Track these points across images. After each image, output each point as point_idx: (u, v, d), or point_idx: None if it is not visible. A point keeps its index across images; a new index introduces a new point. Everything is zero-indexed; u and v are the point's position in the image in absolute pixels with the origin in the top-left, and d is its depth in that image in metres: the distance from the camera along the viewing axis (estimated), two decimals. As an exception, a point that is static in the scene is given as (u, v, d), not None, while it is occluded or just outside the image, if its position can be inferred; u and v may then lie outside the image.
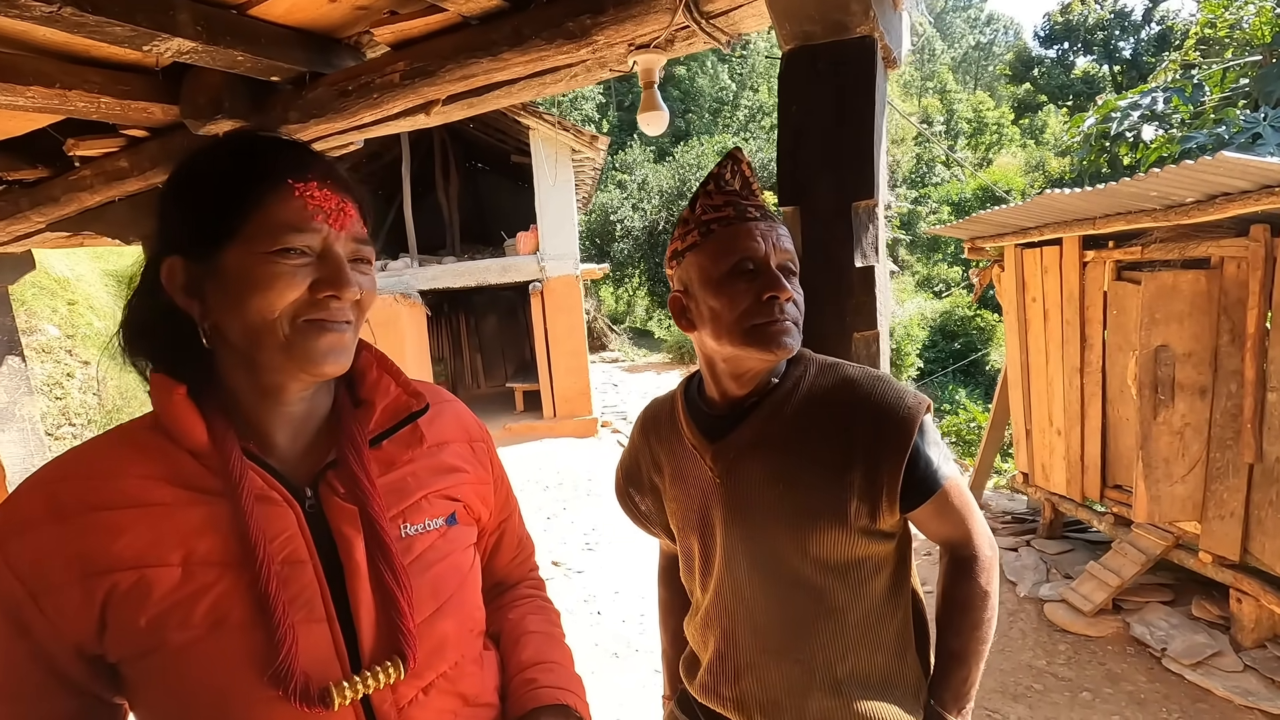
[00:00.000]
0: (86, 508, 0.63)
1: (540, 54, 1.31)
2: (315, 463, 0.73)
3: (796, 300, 0.94)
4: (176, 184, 0.70)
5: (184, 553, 0.63)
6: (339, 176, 0.72)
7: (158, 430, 0.68)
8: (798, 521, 0.93)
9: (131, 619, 0.62)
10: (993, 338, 14.88)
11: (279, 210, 0.66)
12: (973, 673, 0.96)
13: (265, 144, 0.71)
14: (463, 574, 0.79)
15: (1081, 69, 26.82)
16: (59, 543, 0.62)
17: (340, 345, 0.69)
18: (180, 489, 0.66)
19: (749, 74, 29.28)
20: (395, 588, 0.69)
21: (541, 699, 0.80)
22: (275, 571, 0.64)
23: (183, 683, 0.63)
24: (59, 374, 5.44)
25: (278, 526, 0.67)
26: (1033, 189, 19.12)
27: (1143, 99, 8.17)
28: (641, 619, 4.17)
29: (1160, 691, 3.16)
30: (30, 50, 1.38)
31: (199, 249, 0.67)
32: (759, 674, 0.98)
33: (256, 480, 0.67)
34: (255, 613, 0.63)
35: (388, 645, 0.69)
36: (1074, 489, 4.42)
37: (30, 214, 2.05)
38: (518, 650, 0.86)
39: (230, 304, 0.66)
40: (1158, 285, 3.43)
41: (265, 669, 0.62)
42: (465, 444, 0.85)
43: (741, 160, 0.98)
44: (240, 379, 0.70)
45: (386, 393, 0.77)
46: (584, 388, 9.26)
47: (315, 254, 0.68)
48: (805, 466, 0.93)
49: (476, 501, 0.84)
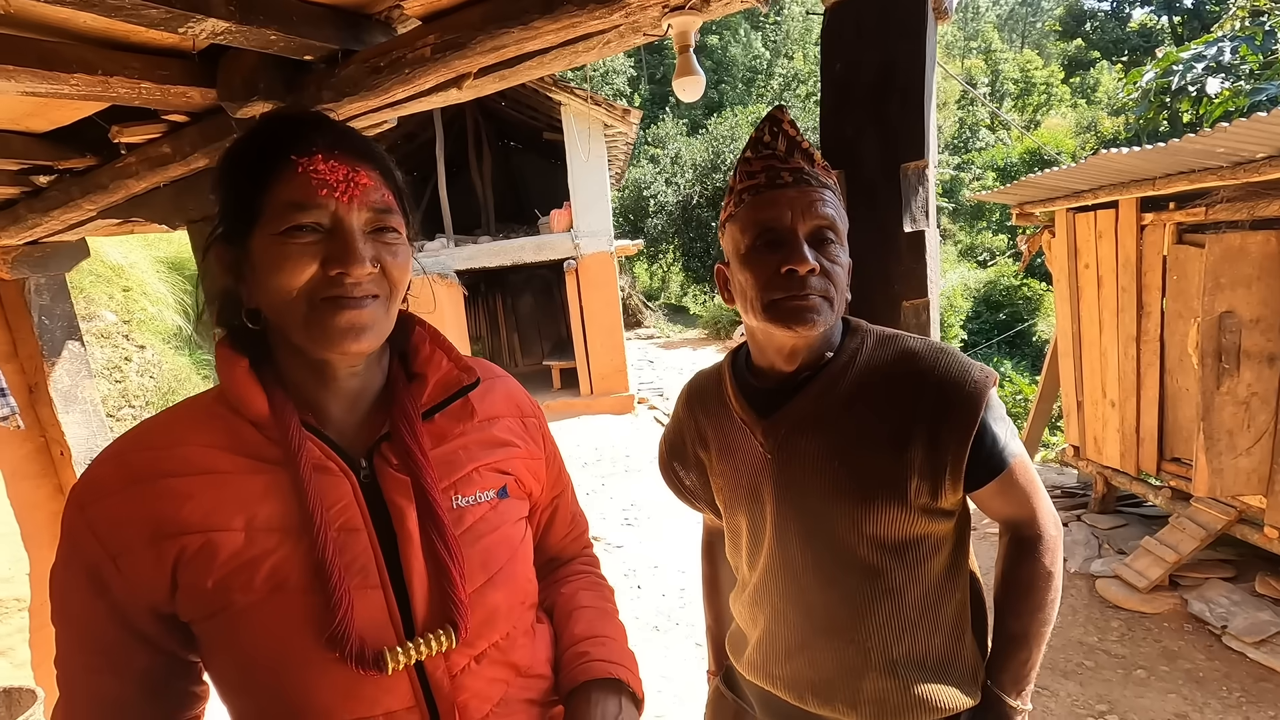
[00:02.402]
0: (157, 475, 0.65)
1: (572, 20, 1.27)
2: (370, 435, 0.74)
3: (831, 271, 0.88)
4: (216, 171, 0.71)
5: (246, 518, 0.66)
6: (351, 145, 0.69)
7: (222, 402, 0.70)
8: (854, 499, 0.89)
9: (200, 580, 0.64)
10: (1040, 307, 14.37)
11: (285, 189, 0.65)
12: (1033, 655, 0.93)
13: (277, 123, 0.70)
14: (513, 546, 0.79)
15: (1138, 21, 25.36)
16: (133, 507, 0.64)
17: (360, 322, 0.67)
18: (243, 458, 0.68)
19: (783, 40, 28.49)
20: (447, 557, 0.70)
21: (594, 672, 0.81)
22: (332, 538, 0.66)
23: (245, 643, 0.66)
24: (117, 358, 5.66)
25: (334, 495, 0.68)
26: (1084, 151, 18.27)
27: (1208, 49, 7.66)
28: (681, 593, 4.19)
29: (1220, 670, 3.06)
30: (72, 38, 1.40)
31: (234, 235, 0.69)
32: (811, 654, 0.96)
33: (314, 450, 0.69)
34: (313, 577, 0.65)
35: (440, 613, 0.70)
36: (1128, 462, 4.26)
37: (81, 202, 2.10)
38: (571, 624, 0.87)
39: (260, 286, 0.67)
40: (1223, 248, 3.24)
41: (322, 632, 0.64)
42: (517, 419, 0.85)
43: (783, 120, 0.92)
44: (288, 356, 0.72)
45: (439, 367, 0.78)
46: (620, 364, 9.27)
47: (326, 229, 0.66)
48: (863, 443, 0.89)
49: (528, 476, 0.84)
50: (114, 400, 5.40)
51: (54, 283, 2.86)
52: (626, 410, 9.19)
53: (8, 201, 2.38)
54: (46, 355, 2.84)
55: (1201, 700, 2.88)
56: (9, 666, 2.90)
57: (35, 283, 2.79)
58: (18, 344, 2.89)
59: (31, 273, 2.74)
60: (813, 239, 0.88)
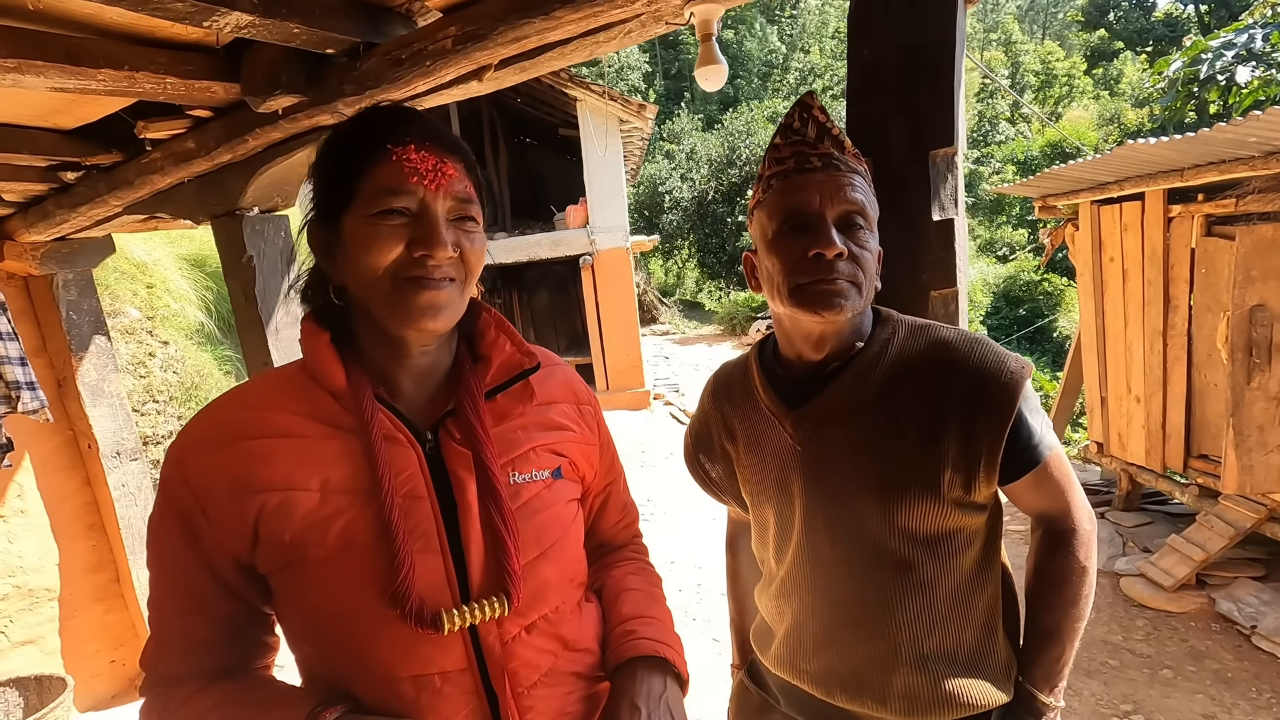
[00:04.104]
0: (244, 436, 0.71)
1: (594, 10, 1.26)
2: (436, 410, 0.79)
3: (859, 256, 0.86)
4: (315, 158, 0.77)
5: (321, 479, 0.71)
6: (440, 138, 0.75)
7: (305, 373, 0.76)
8: (885, 492, 0.88)
9: (278, 534, 0.69)
10: (1060, 302, 14.15)
11: (379, 175, 0.71)
12: (1067, 651, 0.91)
13: (375, 115, 0.75)
14: (565, 525, 0.83)
15: (1163, 10, 24.85)
16: (221, 464, 0.70)
17: (438, 302, 0.72)
18: (320, 424, 0.73)
19: (799, 34, 28.26)
20: (503, 528, 0.74)
21: (640, 649, 0.83)
22: (398, 503, 0.71)
23: (315, 595, 0.71)
24: (141, 353, 5.74)
25: (401, 463, 0.73)
26: (1107, 144, 17.93)
27: (1237, 37, 7.50)
28: (698, 588, 4.18)
29: (1249, 670, 3.00)
30: (97, 33, 1.41)
31: (327, 216, 0.75)
32: (840, 648, 0.95)
33: (385, 421, 0.74)
34: (379, 538, 0.70)
35: (494, 582, 0.74)
36: (1154, 459, 4.19)
37: (108, 198, 2.13)
38: (619, 604, 0.90)
39: (349, 264, 0.73)
40: (1255, 240, 3.17)
41: (385, 589, 0.69)
42: (573, 405, 0.89)
43: (813, 106, 0.91)
44: (367, 333, 0.77)
45: (502, 351, 0.82)
46: (636, 360, 9.26)
47: (413, 214, 0.71)
48: (895, 435, 0.88)
49: (581, 460, 0.88)
50: (138, 395, 5.48)
51: (81, 278, 2.91)
52: (642, 406, 9.18)
53: (37, 198, 2.42)
54: (74, 350, 2.89)
55: (1230, 701, 2.83)
56: (39, 655, 2.96)
57: (63, 278, 2.83)
58: (46, 339, 2.94)
59: (59, 268, 2.78)
60: (841, 224, 0.86)
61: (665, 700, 0.79)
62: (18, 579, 2.89)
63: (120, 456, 3.04)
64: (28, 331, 2.85)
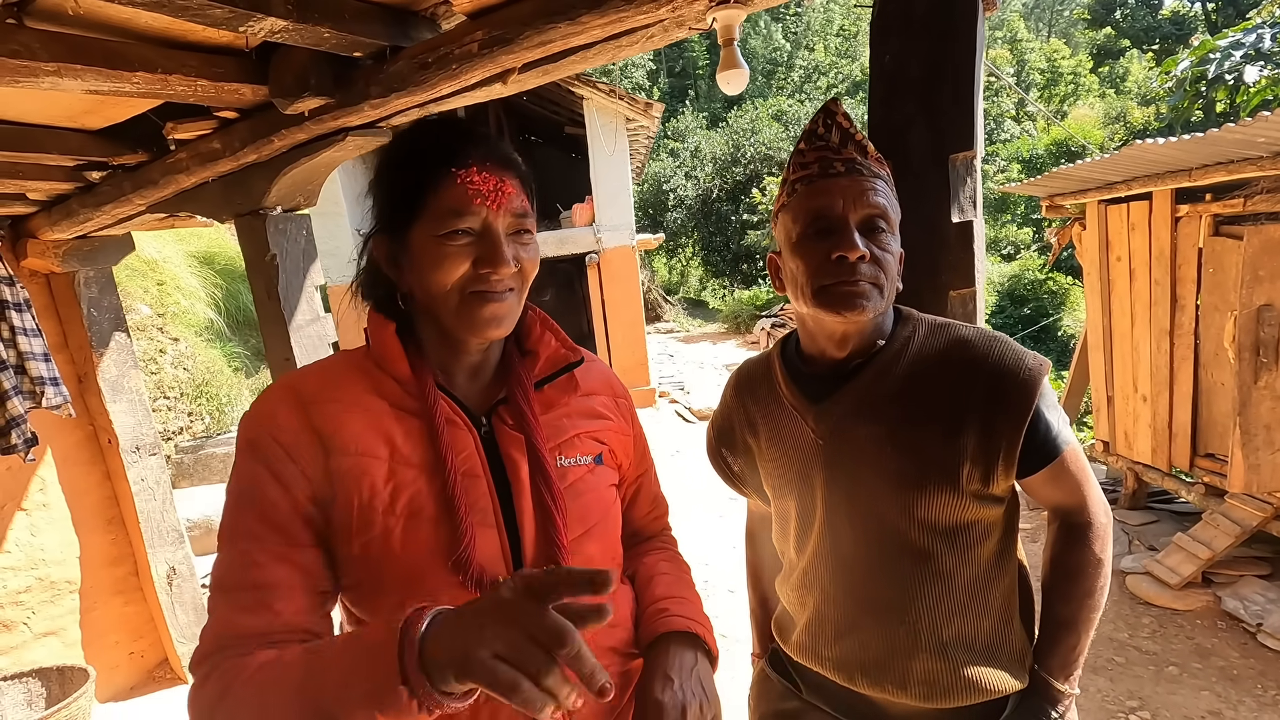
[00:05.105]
0: (321, 399, 0.78)
1: (619, 15, 1.29)
2: (489, 399, 0.86)
3: (881, 258, 0.89)
4: (376, 172, 0.83)
5: (390, 450, 0.77)
6: (499, 156, 0.80)
7: (369, 359, 0.83)
8: (905, 485, 0.91)
9: (352, 496, 0.75)
10: (1065, 302, 14.12)
11: (444, 197, 0.76)
12: (1082, 641, 0.94)
13: (434, 133, 0.80)
14: (606, 507, 0.89)
15: (1170, 8, 24.72)
16: (304, 421, 0.76)
17: (501, 313, 0.79)
18: (387, 403, 0.79)
19: (804, 32, 28.21)
20: (553, 506, 0.80)
21: (673, 625, 0.88)
22: (459, 480, 0.77)
23: (383, 558, 0.75)
24: (153, 350, 5.79)
25: (460, 444, 0.79)
26: (1113, 142, 17.87)
27: (1246, 36, 7.48)
28: (705, 584, 4.22)
29: (1255, 668, 3.02)
30: (133, 38, 1.44)
31: (394, 230, 0.80)
32: (861, 635, 0.98)
33: (445, 407, 0.80)
34: (443, 511, 0.76)
35: (545, 555, 0.80)
36: (1160, 458, 4.20)
37: (132, 197, 2.16)
38: (651, 586, 0.95)
39: (416, 276, 0.79)
40: (1263, 239, 3.18)
41: (448, 557, 0.75)
42: (610, 397, 0.97)
43: (837, 112, 0.94)
44: (430, 332, 0.84)
45: (549, 345, 0.90)
46: (641, 358, 9.28)
47: (477, 233, 0.78)
48: (915, 429, 0.91)
49: (619, 449, 0.94)
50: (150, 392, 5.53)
51: (101, 275, 2.95)
52: (647, 404, 9.20)
53: (61, 197, 2.45)
54: (95, 346, 2.93)
55: (1236, 698, 2.85)
56: (61, 646, 3.00)
57: (84, 275, 2.87)
58: (68, 335, 2.98)
59: (80, 266, 2.82)
60: (864, 227, 0.89)
61: (696, 673, 0.84)
62: (40, 571, 2.93)
63: (139, 451, 3.08)
64: (49, 328, 2.88)
